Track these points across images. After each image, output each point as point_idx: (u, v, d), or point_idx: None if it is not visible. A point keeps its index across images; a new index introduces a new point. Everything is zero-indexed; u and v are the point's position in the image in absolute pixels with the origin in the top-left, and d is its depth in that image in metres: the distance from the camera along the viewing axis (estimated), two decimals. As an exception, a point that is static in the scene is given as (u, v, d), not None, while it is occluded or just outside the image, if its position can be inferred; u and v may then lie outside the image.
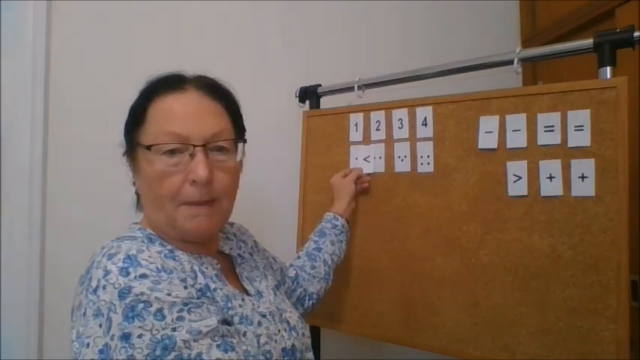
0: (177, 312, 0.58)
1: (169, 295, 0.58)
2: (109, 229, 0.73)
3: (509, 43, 1.30)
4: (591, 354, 0.85)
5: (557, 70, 1.47)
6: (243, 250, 0.85)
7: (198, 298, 0.63)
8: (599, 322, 0.85)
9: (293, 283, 0.99)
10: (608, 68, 0.86)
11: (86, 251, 0.68)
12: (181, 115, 0.68)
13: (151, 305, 0.57)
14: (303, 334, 0.79)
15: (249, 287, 0.78)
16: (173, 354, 0.56)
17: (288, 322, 0.77)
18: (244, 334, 0.67)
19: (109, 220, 0.74)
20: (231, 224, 0.91)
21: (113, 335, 0.56)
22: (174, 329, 0.57)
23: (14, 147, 1.19)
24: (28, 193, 1.18)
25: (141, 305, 0.56)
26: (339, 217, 1.10)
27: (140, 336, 0.55)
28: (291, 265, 1.03)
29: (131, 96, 0.73)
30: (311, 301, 1.01)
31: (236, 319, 0.68)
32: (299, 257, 1.05)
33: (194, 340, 0.57)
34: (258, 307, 0.74)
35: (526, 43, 1.61)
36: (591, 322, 0.86)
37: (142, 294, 0.57)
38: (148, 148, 0.67)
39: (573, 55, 0.94)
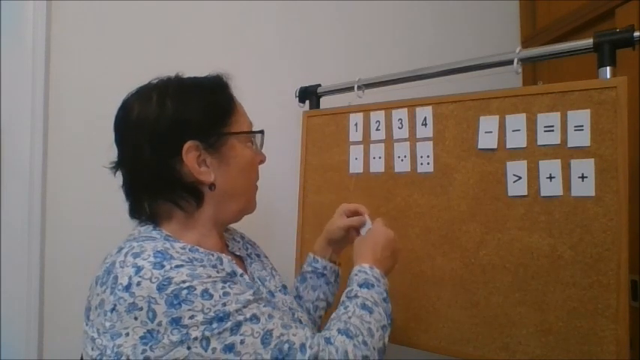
0: (222, 288, 0.61)
1: (209, 277, 0.61)
2: (109, 229, 0.73)
3: (509, 43, 1.29)
4: (591, 354, 0.85)
5: (557, 70, 1.47)
6: (250, 251, 0.86)
7: (232, 278, 0.67)
8: (599, 322, 0.85)
9: None
10: (608, 68, 0.86)
11: (86, 251, 0.69)
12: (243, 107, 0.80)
13: (195, 289, 0.58)
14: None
15: (261, 288, 0.79)
16: (229, 323, 0.58)
17: (300, 322, 0.78)
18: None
19: (109, 221, 0.74)
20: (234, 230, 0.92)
21: (160, 322, 0.56)
22: (224, 304, 0.59)
23: (14, 147, 1.19)
24: (28, 193, 1.18)
25: (185, 291, 0.58)
26: (319, 259, 0.97)
27: (192, 317, 0.57)
28: None
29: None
30: None
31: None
32: None
33: (244, 307, 0.61)
34: (276, 303, 0.76)
35: (526, 43, 1.61)
36: (591, 322, 0.86)
37: (184, 282, 0.58)
38: (251, 134, 0.76)
39: (573, 55, 0.94)
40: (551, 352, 0.89)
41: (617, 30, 0.86)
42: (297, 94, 1.35)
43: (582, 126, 0.88)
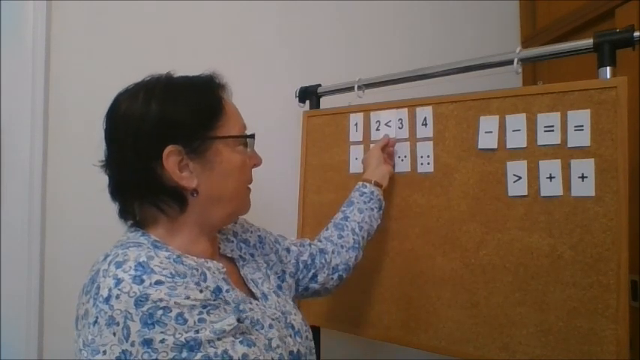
0: (198, 314, 0.59)
1: (188, 298, 0.59)
2: (109, 229, 0.73)
3: (509, 43, 1.30)
4: (591, 354, 0.85)
5: (557, 70, 1.47)
6: (244, 251, 0.85)
7: (214, 300, 0.64)
8: (599, 322, 0.85)
9: (309, 269, 0.95)
10: (608, 68, 0.86)
11: (86, 251, 0.68)
12: (237, 109, 0.77)
13: (171, 310, 0.57)
14: (306, 337, 0.79)
15: (254, 290, 0.78)
16: (200, 354, 0.57)
17: (292, 327, 0.77)
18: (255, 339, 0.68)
19: (108, 220, 0.74)
20: (234, 222, 0.90)
21: (133, 342, 0.55)
22: (197, 331, 0.58)
23: (14, 147, 1.19)
24: (28, 193, 1.18)
25: (160, 312, 0.56)
26: (367, 184, 1.05)
27: (163, 340, 0.56)
28: (316, 244, 1.00)
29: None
30: (337, 273, 0.98)
31: (247, 323, 0.68)
32: (327, 228, 1.04)
33: (218, 339, 0.59)
34: (265, 312, 0.74)
35: (526, 43, 1.61)
36: (591, 322, 0.86)
37: (161, 300, 0.57)
38: (239, 138, 0.73)
39: (573, 55, 0.94)
40: (551, 352, 0.89)
41: (617, 30, 0.86)
42: (297, 94, 1.35)
43: (582, 126, 0.88)
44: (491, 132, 0.99)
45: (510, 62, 0.97)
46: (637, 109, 1.04)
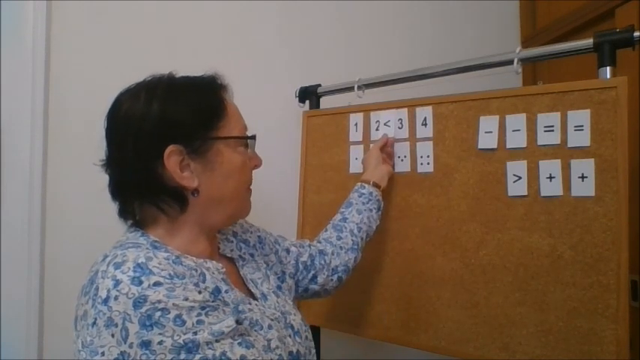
0: (196, 316, 0.59)
1: (186, 300, 0.59)
2: (109, 229, 0.73)
3: (509, 43, 1.30)
4: (591, 354, 0.85)
5: (557, 70, 1.47)
6: (244, 252, 0.85)
7: (213, 301, 0.63)
8: (599, 322, 0.85)
9: (308, 270, 0.95)
10: (608, 68, 0.86)
11: (86, 251, 0.68)
12: (238, 110, 0.77)
13: (169, 312, 0.57)
14: (306, 338, 0.79)
15: (254, 290, 0.78)
16: (198, 356, 0.57)
17: (292, 327, 0.77)
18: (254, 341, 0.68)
19: (108, 220, 0.74)
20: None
21: (132, 343, 0.55)
22: (195, 333, 0.57)
23: (14, 147, 1.19)
24: (28, 193, 1.18)
25: (158, 313, 0.56)
26: (366, 185, 1.05)
27: (161, 342, 0.55)
28: (315, 245, 1.00)
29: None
30: (336, 275, 0.98)
31: (246, 324, 0.68)
32: (326, 230, 1.04)
33: (216, 341, 0.58)
34: (264, 312, 0.74)
35: (526, 43, 1.61)
36: (591, 322, 0.86)
37: (159, 302, 0.57)
38: (240, 139, 0.74)
39: (573, 55, 0.94)
40: (551, 352, 0.89)
41: (617, 30, 0.86)
42: (297, 94, 1.35)
43: (582, 126, 0.88)
44: (491, 132, 0.99)
45: (510, 62, 0.97)
46: (637, 109, 1.04)
